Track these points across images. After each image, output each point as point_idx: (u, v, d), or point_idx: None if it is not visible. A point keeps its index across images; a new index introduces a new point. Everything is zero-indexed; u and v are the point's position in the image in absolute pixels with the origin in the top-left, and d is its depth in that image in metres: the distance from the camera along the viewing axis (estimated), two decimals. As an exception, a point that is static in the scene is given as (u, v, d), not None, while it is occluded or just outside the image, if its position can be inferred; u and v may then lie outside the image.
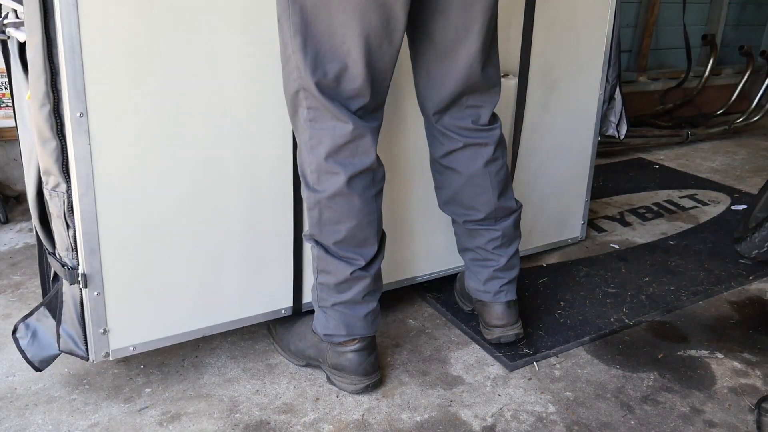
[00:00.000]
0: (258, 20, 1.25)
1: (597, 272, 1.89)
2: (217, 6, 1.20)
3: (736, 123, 3.44)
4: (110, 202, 1.20)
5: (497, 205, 1.41)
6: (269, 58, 1.27)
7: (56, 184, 1.19)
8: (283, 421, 1.27)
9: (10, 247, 1.98)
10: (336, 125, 1.19)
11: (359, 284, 1.29)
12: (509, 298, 1.47)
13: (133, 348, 1.31)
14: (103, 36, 1.11)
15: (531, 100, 1.72)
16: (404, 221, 1.58)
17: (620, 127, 1.99)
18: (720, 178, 2.77)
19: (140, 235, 1.25)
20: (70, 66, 1.09)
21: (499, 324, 1.48)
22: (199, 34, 1.20)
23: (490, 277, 1.47)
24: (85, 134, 1.14)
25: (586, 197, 2.00)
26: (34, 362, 1.32)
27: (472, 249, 1.49)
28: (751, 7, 4.00)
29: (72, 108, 1.12)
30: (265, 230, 1.39)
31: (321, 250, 1.28)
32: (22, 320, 1.34)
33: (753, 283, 1.84)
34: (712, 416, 1.30)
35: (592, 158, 1.96)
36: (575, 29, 1.76)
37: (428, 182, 1.53)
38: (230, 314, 1.41)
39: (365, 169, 1.22)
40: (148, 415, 1.29)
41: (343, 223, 1.24)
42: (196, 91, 1.22)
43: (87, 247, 1.20)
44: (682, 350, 1.51)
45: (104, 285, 1.24)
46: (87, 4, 1.08)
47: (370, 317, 1.32)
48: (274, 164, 1.35)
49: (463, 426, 1.26)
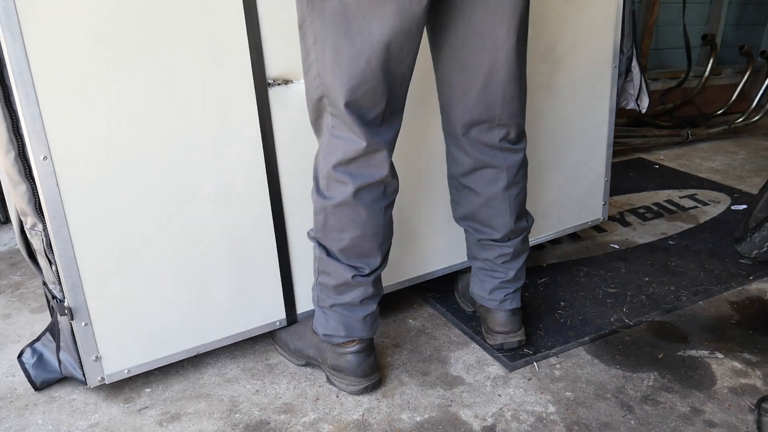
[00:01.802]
0: (221, 39, 1.22)
1: (597, 272, 1.89)
2: (172, 30, 1.17)
3: (736, 123, 3.44)
4: (86, 238, 1.20)
5: (513, 228, 1.40)
6: (230, 74, 1.25)
7: (33, 224, 1.20)
8: (283, 421, 1.27)
9: (9, 247, 1.98)
10: (351, 138, 1.16)
11: (359, 289, 1.28)
12: (514, 306, 1.47)
13: (128, 371, 1.32)
14: (56, 79, 1.09)
15: (532, 82, 1.65)
16: (405, 221, 1.58)
17: (640, 101, 1.88)
18: (720, 178, 2.77)
19: (121, 263, 1.25)
20: (27, 112, 1.08)
21: (502, 331, 1.48)
22: (154, 60, 1.17)
23: (497, 288, 1.46)
24: (52, 176, 1.13)
25: (606, 176, 1.93)
26: (35, 382, 1.35)
27: (480, 260, 1.48)
28: (751, 7, 4.00)
29: (35, 152, 1.11)
30: (248, 246, 1.38)
31: (323, 251, 1.28)
32: (29, 345, 1.36)
33: (753, 283, 1.83)
34: (712, 416, 1.30)
35: (609, 135, 1.88)
36: (578, 1, 1.67)
37: (430, 184, 1.53)
38: (223, 331, 1.41)
39: (376, 182, 1.20)
40: (148, 415, 1.29)
41: (347, 231, 1.23)
42: (161, 116, 1.20)
43: (68, 282, 1.20)
44: (682, 350, 1.51)
45: (90, 316, 1.24)
46: (37, 51, 1.06)
47: (369, 319, 1.32)
48: (249, 180, 1.33)
49: (463, 426, 1.26)
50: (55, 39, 1.08)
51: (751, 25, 4.06)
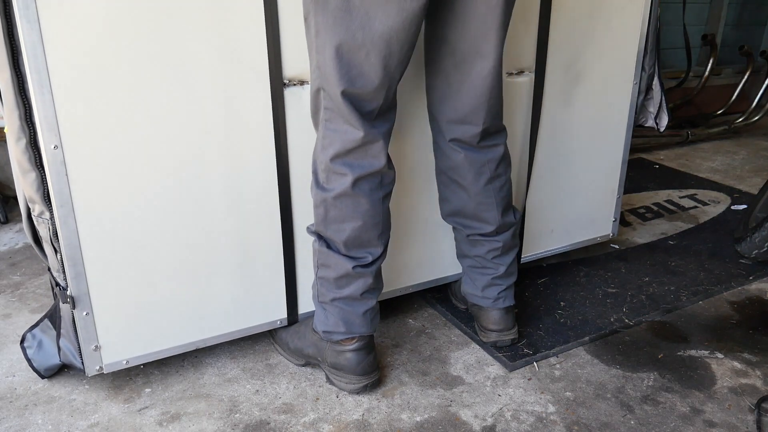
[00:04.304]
0: (232, 36, 1.22)
1: (597, 272, 1.89)
2: (189, 25, 1.17)
3: (736, 123, 3.44)
4: (93, 228, 1.20)
5: (501, 222, 1.42)
6: (246, 73, 1.25)
7: (41, 211, 1.21)
8: (283, 421, 1.27)
9: (9, 247, 1.98)
10: (348, 129, 1.18)
11: (359, 281, 1.29)
12: (507, 304, 1.49)
13: (126, 362, 1.32)
14: (71, 68, 1.10)
15: (550, 96, 1.65)
16: (409, 228, 1.57)
17: (660, 119, 1.87)
18: (720, 178, 2.77)
19: (126, 255, 1.25)
20: (40, 100, 1.09)
21: (495, 329, 1.49)
22: (170, 54, 1.17)
23: (489, 284, 1.48)
24: (62, 165, 1.14)
25: (618, 193, 1.92)
26: (39, 370, 1.36)
27: (471, 257, 1.50)
28: (751, 7, 4.00)
29: (46, 141, 1.11)
30: (254, 243, 1.38)
31: (323, 244, 1.29)
32: (29, 330, 1.38)
33: (753, 283, 1.83)
34: (712, 416, 1.29)
35: (625, 152, 1.87)
36: (603, 16, 1.66)
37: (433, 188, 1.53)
38: (224, 326, 1.41)
39: (373, 172, 1.22)
40: (148, 415, 1.29)
41: (348, 222, 1.24)
42: (174, 111, 1.21)
43: (72, 271, 1.21)
44: (682, 350, 1.51)
45: (92, 305, 1.25)
46: (53, 39, 1.07)
47: (369, 315, 1.32)
48: (258, 176, 1.34)
49: (463, 426, 1.26)
50: (72, 28, 1.08)
51: (751, 25, 4.06)
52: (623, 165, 1.89)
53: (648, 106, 1.87)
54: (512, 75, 1.57)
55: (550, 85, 1.65)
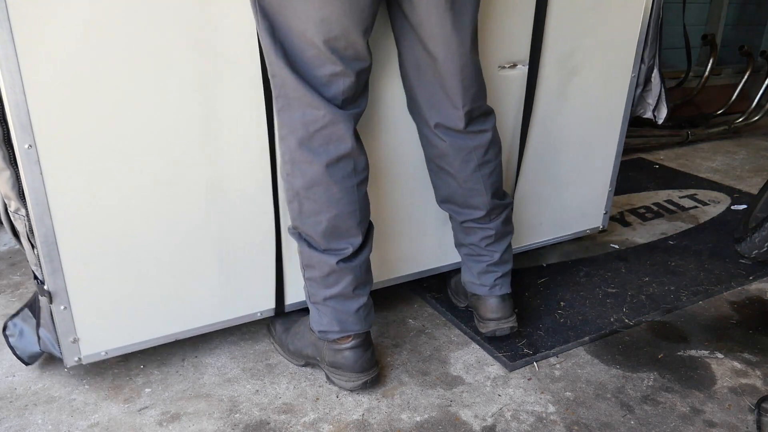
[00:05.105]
0: (207, 28, 1.20)
1: (597, 272, 1.89)
2: (162, 21, 1.14)
3: (736, 123, 3.44)
4: (69, 224, 1.19)
5: (492, 205, 1.42)
6: (223, 65, 1.23)
7: (17, 208, 1.20)
8: (283, 421, 1.27)
9: (9, 247, 1.98)
10: (306, 112, 1.16)
11: (346, 277, 1.28)
12: (504, 291, 1.49)
13: (105, 353, 1.32)
14: (44, 68, 1.08)
15: (544, 89, 1.63)
16: (397, 218, 1.57)
17: (658, 111, 1.84)
18: (720, 178, 2.77)
19: (104, 250, 1.24)
20: (12, 100, 1.07)
21: (494, 317, 1.49)
22: (146, 49, 1.15)
23: (484, 271, 1.49)
24: (36, 164, 1.12)
25: (610, 186, 1.92)
26: (23, 357, 1.37)
27: (466, 245, 1.50)
28: (751, 7, 4.00)
29: (19, 140, 1.10)
30: (241, 234, 1.37)
31: (304, 244, 1.28)
32: (10, 318, 1.39)
33: (753, 283, 1.83)
34: (712, 416, 1.30)
35: (619, 146, 1.86)
36: (601, 8, 1.63)
37: (421, 178, 1.52)
38: (208, 318, 1.40)
39: (343, 155, 1.19)
40: (148, 415, 1.29)
41: (323, 213, 1.22)
42: (149, 107, 1.18)
43: (49, 267, 1.20)
44: (682, 350, 1.51)
45: (70, 300, 1.24)
46: (25, 38, 1.05)
47: (362, 312, 1.32)
48: (246, 166, 1.31)
49: (463, 426, 1.26)
50: (44, 27, 1.05)
51: (751, 25, 4.06)
52: (617, 158, 1.89)
53: (646, 98, 1.85)
54: (504, 68, 1.54)
55: (544, 78, 1.62)
